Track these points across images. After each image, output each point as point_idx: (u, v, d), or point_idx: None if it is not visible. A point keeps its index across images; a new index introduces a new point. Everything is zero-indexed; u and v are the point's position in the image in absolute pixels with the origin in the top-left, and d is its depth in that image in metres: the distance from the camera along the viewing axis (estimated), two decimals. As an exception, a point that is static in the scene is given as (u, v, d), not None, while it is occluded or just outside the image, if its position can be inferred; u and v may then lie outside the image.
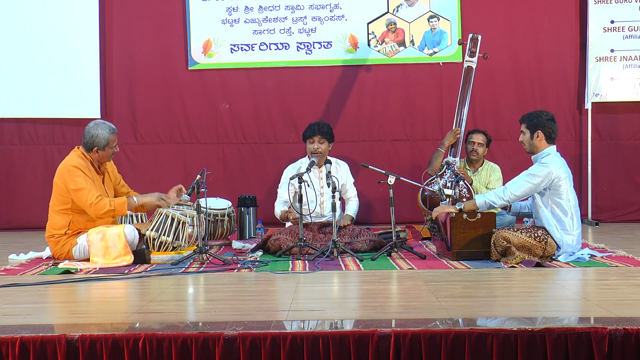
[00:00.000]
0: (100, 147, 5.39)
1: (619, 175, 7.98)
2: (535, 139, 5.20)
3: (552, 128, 5.19)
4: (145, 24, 8.01)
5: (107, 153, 5.45)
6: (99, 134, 5.39)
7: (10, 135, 8.04)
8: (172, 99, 8.04)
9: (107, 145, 5.40)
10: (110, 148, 5.43)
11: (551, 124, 5.20)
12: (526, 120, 5.26)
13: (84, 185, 5.27)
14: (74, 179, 5.29)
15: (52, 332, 3.17)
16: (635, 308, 3.58)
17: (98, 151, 5.40)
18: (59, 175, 5.39)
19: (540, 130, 5.18)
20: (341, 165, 6.48)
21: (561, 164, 5.14)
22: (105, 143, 5.39)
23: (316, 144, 6.19)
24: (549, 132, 5.19)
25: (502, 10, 7.94)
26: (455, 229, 5.15)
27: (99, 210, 5.26)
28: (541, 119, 5.19)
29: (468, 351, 3.08)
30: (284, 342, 3.09)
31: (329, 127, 6.30)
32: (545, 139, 5.19)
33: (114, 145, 5.46)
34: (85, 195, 5.25)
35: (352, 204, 6.45)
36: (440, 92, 7.95)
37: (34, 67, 7.88)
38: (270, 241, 5.65)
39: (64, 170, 5.36)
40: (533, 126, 5.20)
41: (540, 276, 4.55)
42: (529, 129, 5.22)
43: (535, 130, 5.19)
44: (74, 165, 5.32)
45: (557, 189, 5.10)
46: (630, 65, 7.74)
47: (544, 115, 5.22)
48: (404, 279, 4.58)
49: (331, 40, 7.92)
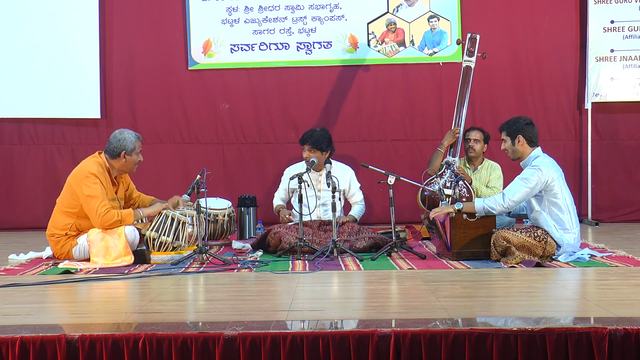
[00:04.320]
0: (128, 152, 5.38)
1: (619, 175, 7.98)
2: (517, 144, 5.27)
3: (531, 132, 5.27)
4: (145, 24, 8.01)
5: (133, 160, 5.42)
6: (126, 138, 5.39)
7: (10, 135, 8.04)
8: (172, 99, 8.04)
9: (134, 150, 5.40)
10: (136, 154, 5.43)
11: (530, 128, 5.27)
12: (505, 128, 5.35)
13: (98, 194, 5.23)
14: (90, 185, 5.25)
15: (52, 332, 3.17)
16: (635, 308, 3.58)
17: (125, 156, 5.38)
18: (74, 178, 5.34)
19: (521, 135, 5.25)
20: (346, 171, 6.44)
21: (551, 164, 5.17)
22: (132, 147, 5.39)
23: (306, 153, 6.18)
24: (529, 136, 5.25)
25: (502, 10, 7.94)
26: (455, 229, 5.15)
27: (107, 221, 5.22)
28: (519, 124, 5.28)
29: (468, 351, 3.08)
30: (284, 342, 3.09)
31: (322, 137, 6.16)
32: (526, 142, 5.26)
33: (139, 151, 5.46)
34: (97, 204, 5.21)
35: (357, 207, 6.43)
36: (440, 92, 7.95)
37: (34, 67, 7.88)
38: (271, 234, 5.66)
39: (81, 174, 5.31)
40: (513, 132, 5.28)
41: (540, 276, 4.55)
42: (509, 136, 5.30)
43: (515, 135, 5.27)
44: (93, 172, 5.28)
45: (551, 189, 5.12)
46: (630, 65, 7.74)
47: (522, 120, 5.31)
48: (404, 279, 4.59)
49: (331, 40, 7.92)
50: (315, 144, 6.14)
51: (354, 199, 6.44)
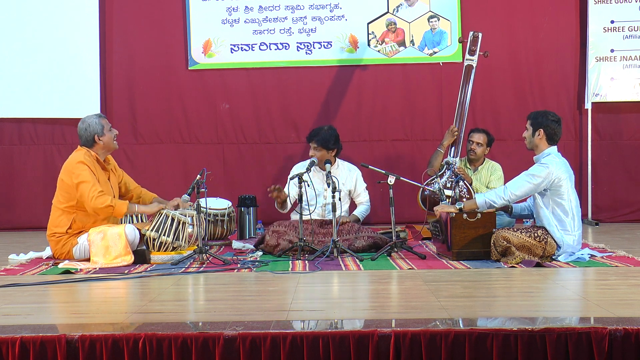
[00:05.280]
0: (99, 133, 5.43)
1: (619, 175, 7.97)
2: (536, 137, 5.21)
3: (555, 129, 5.20)
4: (145, 24, 8.01)
5: (109, 137, 5.47)
6: (90, 123, 5.46)
7: (10, 135, 8.04)
8: (172, 99, 8.04)
9: (103, 128, 5.45)
10: (108, 131, 5.47)
11: (555, 125, 5.21)
12: (532, 117, 5.29)
13: (88, 179, 5.28)
14: (79, 172, 5.30)
15: (52, 332, 3.17)
16: (635, 308, 3.58)
17: (100, 138, 5.43)
18: (64, 172, 5.40)
19: (542, 130, 5.19)
20: (352, 170, 6.39)
21: (562, 165, 5.14)
22: (100, 127, 5.44)
23: (312, 151, 6.15)
24: (550, 133, 5.20)
25: (502, 10, 7.93)
26: (455, 229, 5.15)
27: (99, 204, 5.25)
28: (546, 118, 5.21)
29: (468, 351, 3.08)
30: (284, 342, 3.09)
31: (329, 135, 6.10)
32: (546, 138, 5.20)
33: (109, 127, 5.50)
34: (88, 189, 5.26)
35: (361, 207, 6.35)
36: (440, 92, 7.94)
37: (34, 67, 7.87)
38: (269, 232, 5.65)
39: (69, 166, 5.38)
40: (537, 124, 5.22)
41: (540, 276, 4.55)
42: (532, 126, 5.24)
43: (537, 128, 5.21)
44: (80, 160, 5.35)
45: (557, 189, 5.10)
46: (630, 65, 7.74)
47: (550, 115, 5.24)
48: (404, 279, 4.58)
49: (331, 40, 7.92)
50: (321, 142, 6.09)
51: (360, 199, 6.40)
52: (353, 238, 5.71)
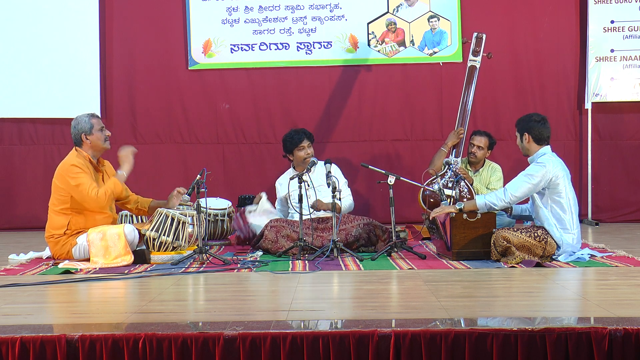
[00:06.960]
0: (87, 132, 5.41)
1: (619, 175, 7.98)
2: (524, 141, 5.24)
3: (539, 129, 5.20)
4: (145, 24, 8.01)
5: (97, 137, 5.44)
6: (79, 121, 5.45)
7: (10, 135, 8.04)
8: (172, 99, 8.04)
9: (92, 127, 5.43)
10: (98, 131, 5.45)
11: (539, 126, 5.20)
12: (517, 123, 5.33)
13: (84, 181, 5.29)
14: (74, 175, 5.30)
15: (52, 332, 3.17)
16: (635, 308, 3.58)
17: (87, 137, 5.41)
18: (57, 176, 5.41)
19: (527, 133, 5.21)
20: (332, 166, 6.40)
21: (557, 163, 5.15)
22: (89, 126, 5.42)
23: (307, 150, 6.11)
24: (536, 134, 5.20)
25: (502, 10, 7.93)
26: (455, 229, 5.15)
27: (103, 200, 5.29)
28: (528, 121, 5.23)
29: (468, 351, 3.08)
30: (284, 342, 3.09)
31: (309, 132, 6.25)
32: (533, 140, 5.21)
33: (100, 127, 5.47)
34: (87, 190, 5.26)
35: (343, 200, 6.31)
36: (440, 92, 7.95)
37: (34, 67, 7.88)
38: (267, 227, 5.65)
39: (62, 169, 5.38)
40: (521, 129, 5.26)
41: (540, 276, 4.55)
42: (519, 132, 5.29)
43: (523, 133, 5.24)
44: (73, 163, 5.35)
45: (555, 188, 5.11)
46: (630, 65, 7.74)
47: (533, 117, 5.26)
48: (404, 279, 4.58)
49: (331, 40, 7.92)
50: (310, 137, 6.14)
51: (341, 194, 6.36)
52: (349, 227, 5.72)
